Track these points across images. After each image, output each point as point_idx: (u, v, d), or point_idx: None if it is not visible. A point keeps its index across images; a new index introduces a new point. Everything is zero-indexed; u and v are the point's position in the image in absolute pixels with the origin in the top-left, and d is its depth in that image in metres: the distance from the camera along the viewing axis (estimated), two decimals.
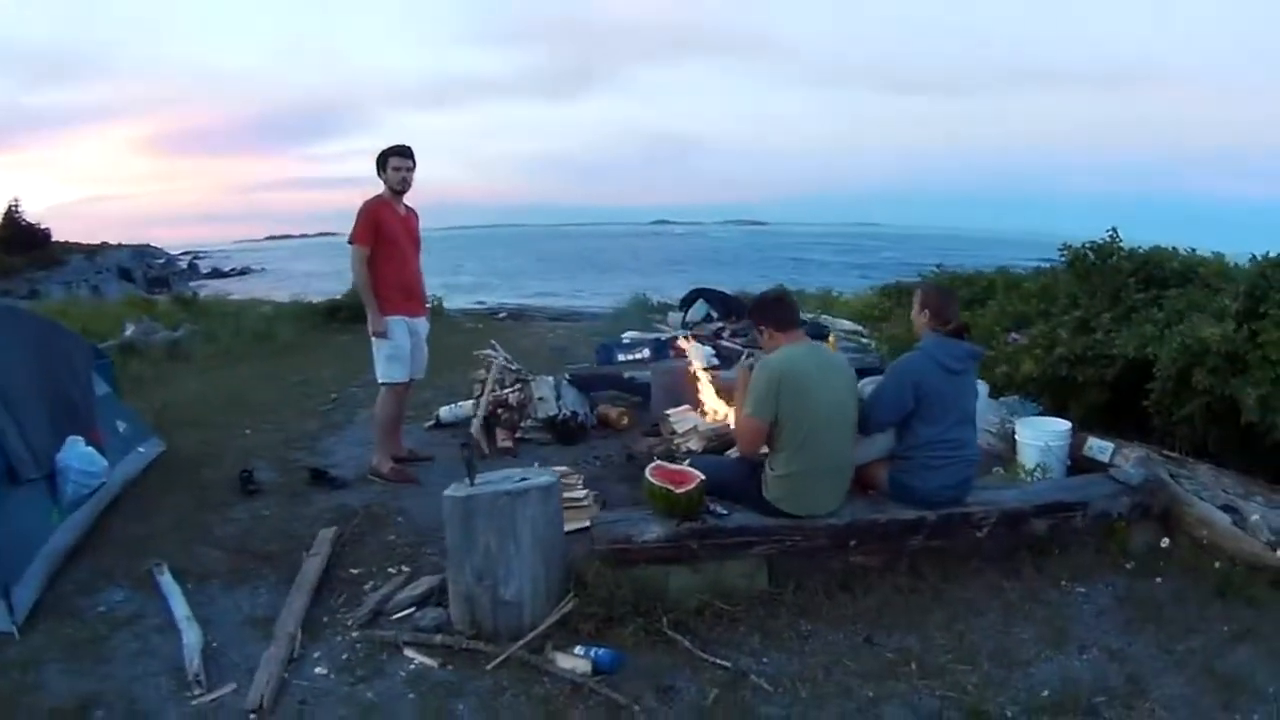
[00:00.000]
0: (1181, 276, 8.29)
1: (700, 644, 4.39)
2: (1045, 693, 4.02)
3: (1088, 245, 9.14)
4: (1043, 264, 12.18)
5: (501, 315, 19.25)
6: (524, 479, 4.53)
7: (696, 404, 7.38)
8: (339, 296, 16.97)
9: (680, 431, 6.76)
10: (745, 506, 5.04)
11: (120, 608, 5.02)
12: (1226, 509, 5.53)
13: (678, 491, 4.79)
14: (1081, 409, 7.66)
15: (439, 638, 4.40)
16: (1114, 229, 9.13)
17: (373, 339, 6.93)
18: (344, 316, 15.61)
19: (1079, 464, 6.47)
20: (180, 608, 4.81)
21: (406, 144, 6.94)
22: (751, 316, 5.25)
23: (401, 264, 6.95)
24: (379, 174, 6.91)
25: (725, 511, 4.97)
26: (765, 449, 5.09)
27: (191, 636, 4.49)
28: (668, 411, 7.05)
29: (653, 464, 5.11)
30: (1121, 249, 8.83)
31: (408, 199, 7.08)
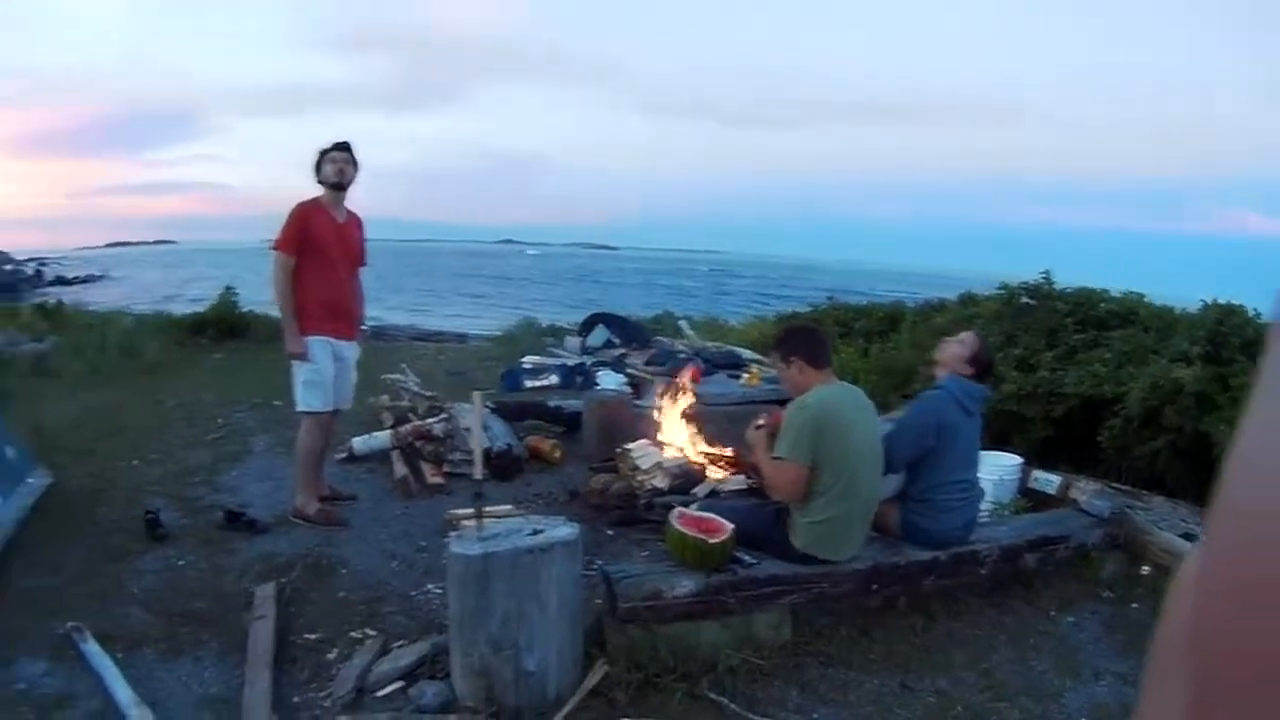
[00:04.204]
0: (1121, 318, 8.60)
1: (746, 704, 4.04)
2: None
3: (1023, 286, 9.37)
4: (882, 293, 12.54)
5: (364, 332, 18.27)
6: (537, 530, 3.94)
7: (651, 437, 6.87)
8: (203, 310, 15.92)
9: (644, 467, 6.24)
10: (769, 554, 4.68)
11: (44, 684, 4.20)
12: (1187, 537, 5.88)
13: (712, 542, 4.35)
14: (1025, 444, 7.79)
15: (452, 719, 3.78)
16: (1047, 271, 9.42)
17: (292, 362, 6.18)
18: (212, 333, 14.78)
19: (1026, 496, 6.58)
20: (122, 689, 4.03)
21: (345, 140, 6.26)
22: (781, 349, 4.84)
23: (329, 278, 6.19)
24: (316, 176, 6.19)
25: (754, 560, 4.58)
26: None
27: None
28: (628, 445, 6.52)
29: (676, 512, 4.65)
30: (1056, 290, 9.12)
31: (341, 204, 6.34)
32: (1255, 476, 0.46)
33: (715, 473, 6.47)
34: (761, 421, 5.00)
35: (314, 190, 6.23)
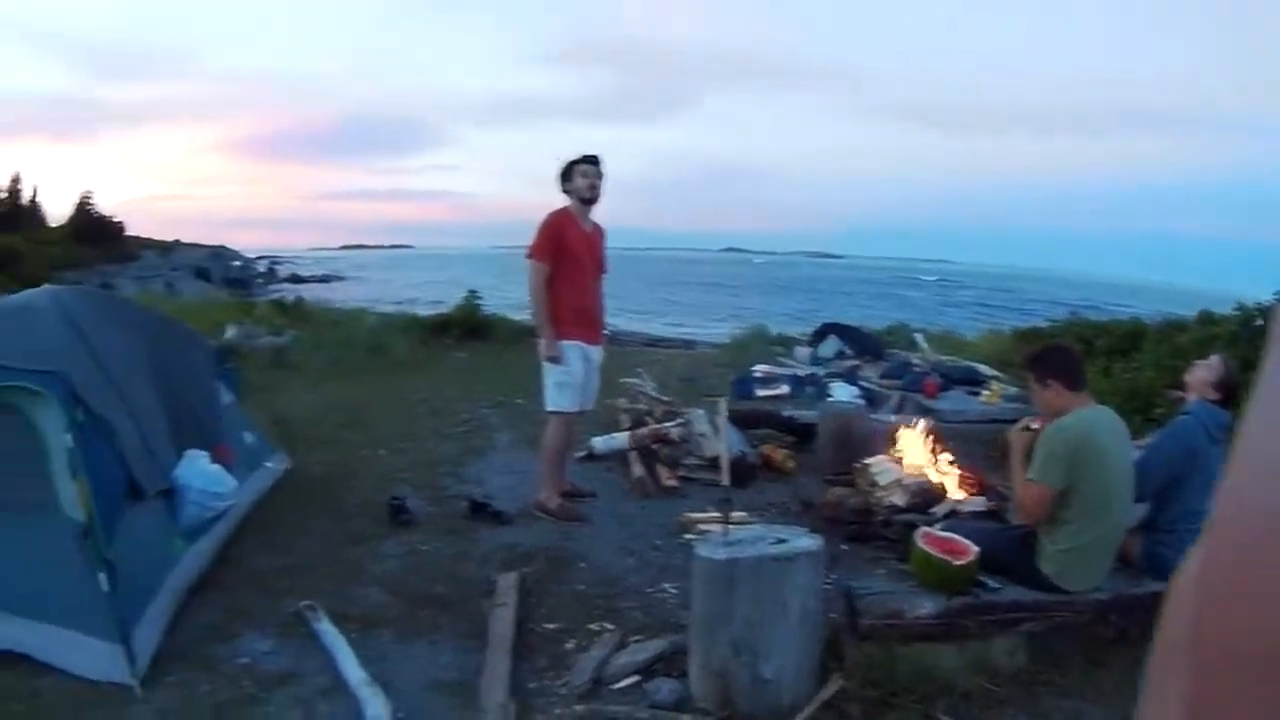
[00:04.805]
0: None
1: None
2: None
3: (1257, 307, 8.90)
4: (1111, 306, 11.94)
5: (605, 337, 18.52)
6: (780, 540, 3.93)
7: (889, 453, 6.76)
8: (447, 311, 16.47)
9: (882, 483, 6.15)
10: (1011, 579, 4.55)
11: (268, 660, 4.34)
12: None
13: (957, 564, 4.26)
14: None
15: (686, 718, 3.81)
16: None
17: (544, 364, 6.38)
18: (455, 333, 15.20)
19: None
20: (353, 668, 4.14)
21: (594, 153, 6.45)
22: (1036, 369, 4.70)
23: (580, 286, 6.41)
24: (562, 187, 6.41)
25: (997, 585, 4.45)
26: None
27: (377, 707, 3.82)
28: (866, 460, 6.44)
29: (921, 531, 4.58)
30: None
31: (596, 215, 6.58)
32: (1256, 476, 0.46)
33: (955, 492, 6.32)
34: (1035, 425, 4.82)
35: (552, 199, 6.45)
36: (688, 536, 5.74)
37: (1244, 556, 0.44)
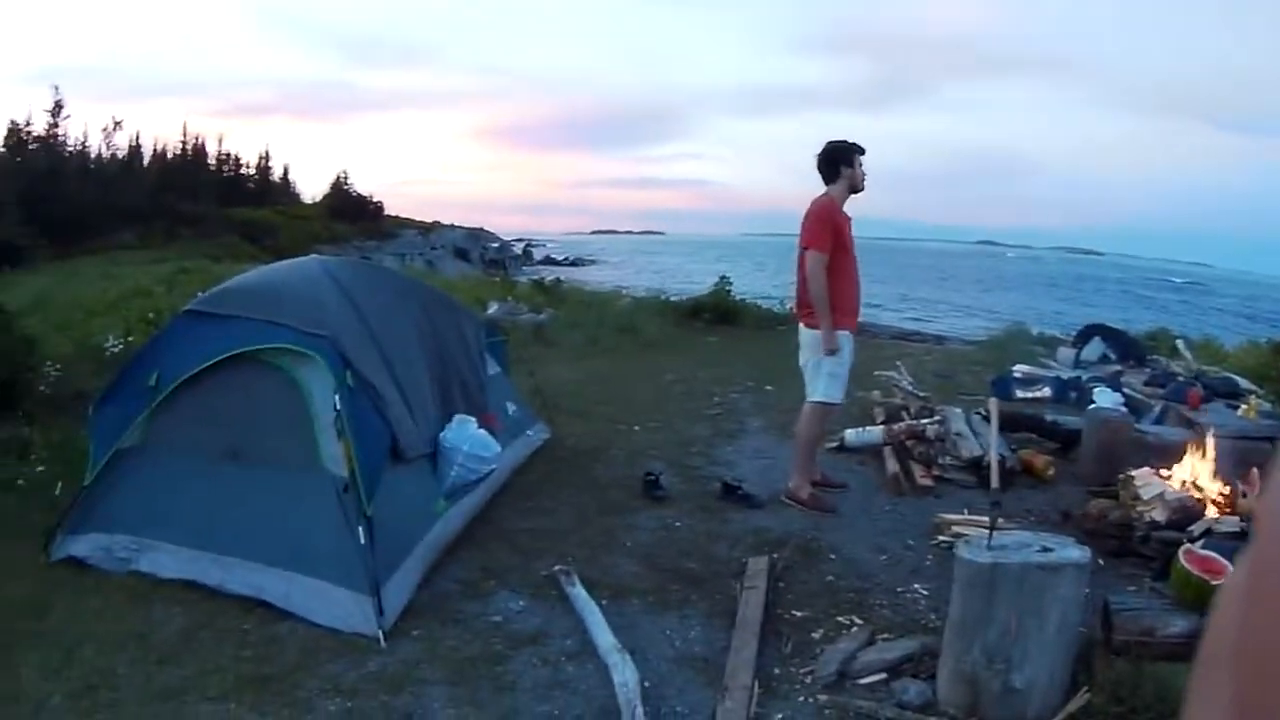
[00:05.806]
0: None
1: None
2: None
3: None
4: None
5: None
6: (1046, 548, 3.83)
7: (1154, 465, 6.46)
8: (699, 295, 16.68)
9: (1145, 498, 5.89)
10: None
11: (519, 620, 4.51)
12: None
13: (1214, 583, 4.14)
14: None
15: None
16: None
17: (816, 354, 6.26)
18: (707, 317, 15.37)
19: None
20: (603, 633, 4.25)
21: (860, 144, 6.34)
22: None
23: (850, 275, 6.30)
24: (839, 172, 6.27)
25: None
26: None
27: (626, 674, 3.90)
28: (1132, 472, 6.18)
29: (1184, 548, 4.42)
30: None
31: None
32: None
33: (1212, 511, 6.00)
34: (1247, 488, 4.64)
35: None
36: (942, 538, 5.68)
37: None
